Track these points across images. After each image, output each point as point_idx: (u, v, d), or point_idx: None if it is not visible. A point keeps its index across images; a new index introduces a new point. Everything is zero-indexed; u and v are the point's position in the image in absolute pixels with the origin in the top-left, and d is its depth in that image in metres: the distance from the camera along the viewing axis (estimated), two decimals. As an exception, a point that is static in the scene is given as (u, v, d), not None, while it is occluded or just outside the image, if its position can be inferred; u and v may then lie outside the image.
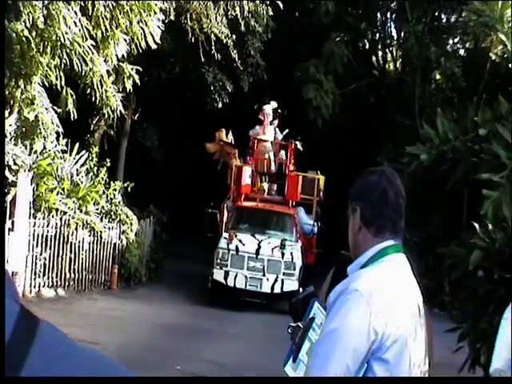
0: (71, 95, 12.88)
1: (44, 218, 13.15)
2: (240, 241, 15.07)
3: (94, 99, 12.73)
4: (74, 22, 11.55)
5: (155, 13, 13.01)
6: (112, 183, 15.55)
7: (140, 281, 16.44)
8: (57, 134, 13.19)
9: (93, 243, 14.56)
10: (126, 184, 16.10)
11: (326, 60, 22.24)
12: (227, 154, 17.61)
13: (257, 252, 14.89)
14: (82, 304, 13.19)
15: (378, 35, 26.26)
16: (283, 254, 14.89)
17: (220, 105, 20.20)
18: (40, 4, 11.21)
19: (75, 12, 11.67)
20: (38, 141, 12.87)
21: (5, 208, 11.76)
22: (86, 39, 11.91)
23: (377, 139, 21.40)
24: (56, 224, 13.43)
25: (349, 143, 22.14)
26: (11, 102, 12.17)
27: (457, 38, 24.60)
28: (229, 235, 15.12)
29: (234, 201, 16.68)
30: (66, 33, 11.38)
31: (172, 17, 15.29)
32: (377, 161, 11.84)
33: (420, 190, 6.23)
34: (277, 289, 14.75)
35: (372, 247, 2.30)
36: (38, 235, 13.05)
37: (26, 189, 12.32)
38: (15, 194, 11.97)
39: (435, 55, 22.83)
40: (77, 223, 13.81)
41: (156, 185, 22.20)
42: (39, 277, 13.15)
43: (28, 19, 11.02)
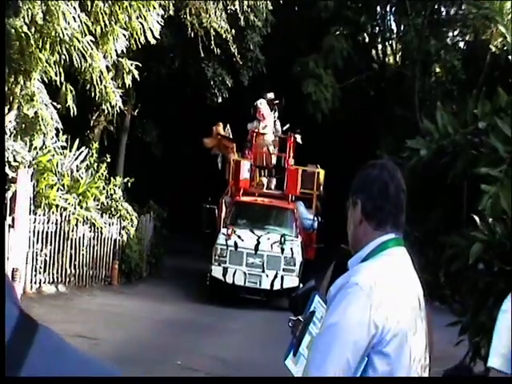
0: (71, 91, 12.85)
1: (44, 214, 13.15)
2: (239, 236, 14.73)
3: (94, 95, 12.71)
4: (73, 18, 11.53)
5: (154, 8, 13.00)
6: (112, 179, 15.57)
7: (141, 276, 16.46)
8: (56, 130, 13.17)
9: (93, 239, 14.57)
10: (126, 179, 16.11)
11: (326, 54, 22.20)
12: (225, 148, 17.39)
13: (256, 248, 14.53)
14: (83, 300, 13.20)
15: (378, 29, 26.21)
16: (283, 250, 14.57)
17: (220, 99, 20.17)
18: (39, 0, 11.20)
19: (74, 8, 11.64)
20: (38, 137, 12.86)
21: (5, 204, 11.75)
22: (85, 35, 11.88)
23: (376, 133, 21.38)
24: (56, 220, 13.43)
25: (348, 137, 22.11)
26: (11, 99, 12.14)
27: (456, 31, 24.59)
28: (227, 231, 14.79)
29: (233, 196, 16.44)
30: (65, 28, 11.35)
31: (171, 12, 15.26)
32: (376, 154, 11.80)
33: (420, 185, 6.21)
34: (277, 285, 14.40)
35: (373, 240, 2.30)
36: (39, 231, 13.05)
37: (26, 185, 12.32)
38: (15, 191, 11.96)
39: (435, 48, 22.80)
40: (77, 219, 13.82)
41: (156, 180, 22.21)
42: (40, 273, 13.16)
43: (27, 15, 11.00)
